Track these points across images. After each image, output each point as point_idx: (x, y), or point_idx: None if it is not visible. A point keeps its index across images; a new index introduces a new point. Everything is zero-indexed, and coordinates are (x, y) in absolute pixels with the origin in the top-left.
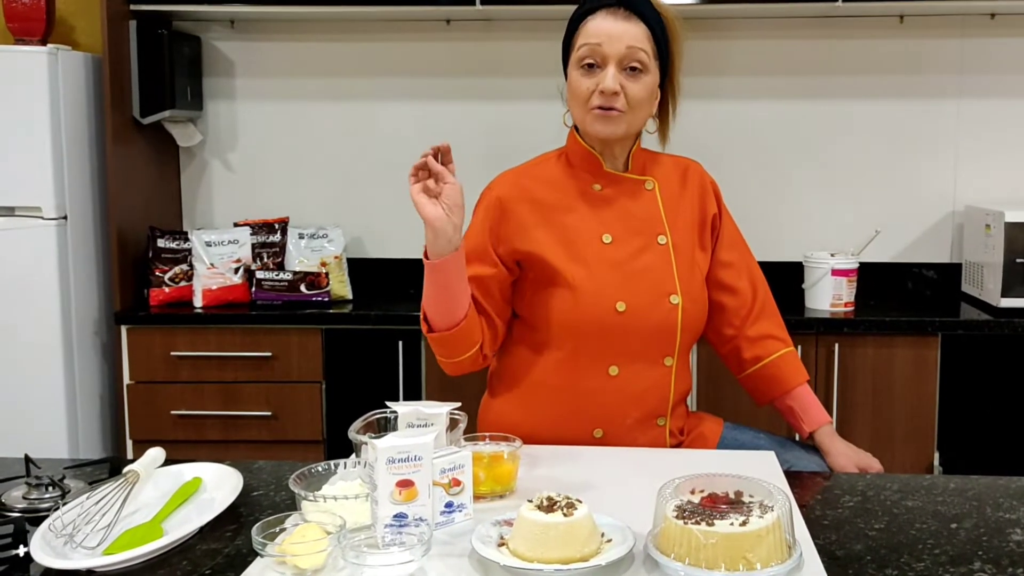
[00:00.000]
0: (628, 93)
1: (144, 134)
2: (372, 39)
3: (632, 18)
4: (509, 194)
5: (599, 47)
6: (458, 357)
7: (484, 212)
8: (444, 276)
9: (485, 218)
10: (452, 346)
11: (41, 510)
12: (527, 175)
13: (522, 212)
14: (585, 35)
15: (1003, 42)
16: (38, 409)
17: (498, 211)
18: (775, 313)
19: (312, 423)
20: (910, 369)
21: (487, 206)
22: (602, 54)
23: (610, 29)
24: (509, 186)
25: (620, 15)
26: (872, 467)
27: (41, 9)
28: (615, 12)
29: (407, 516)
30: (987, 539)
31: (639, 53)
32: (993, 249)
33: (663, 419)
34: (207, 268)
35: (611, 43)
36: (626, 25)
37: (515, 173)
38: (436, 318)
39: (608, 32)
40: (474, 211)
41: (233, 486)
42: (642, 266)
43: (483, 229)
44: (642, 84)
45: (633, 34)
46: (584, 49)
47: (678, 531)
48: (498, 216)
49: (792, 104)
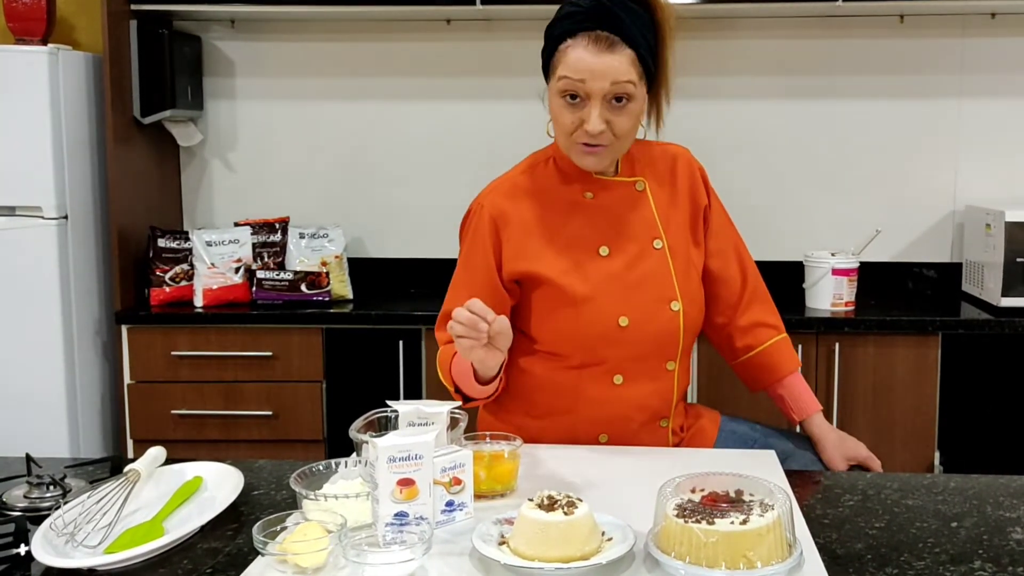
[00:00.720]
0: (614, 127)
1: (145, 134)
2: (372, 39)
3: (616, 45)
4: (501, 213)
5: (582, 84)
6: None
7: (479, 236)
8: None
9: (482, 243)
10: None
11: (42, 509)
12: (516, 188)
13: (517, 231)
14: (566, 67)
15: (1003, 42)
16: (39, 408)
17: (494, 233)
18: (767, 299)
19: (313, 423)
20: (911, 368)
21: (481, 229)
22: (585, 90)
23: (592, 65)
24: (501, 203)
25: (603, 44)
26: (861, 455)
27: (42, 9)
28: (597, 39)
29: (408, 515)
30: (987, 538)
31: (625, 86)
32: (993, 248)
33: (666, 420)
34: (208, 268)
35: (594, 80)
36: (609, 58)
37: (503, 186)
38: (473, 392)
39: (590, 68)
40: (464, 230)
41: (234, 485)
42: (641, 276)
43: (484, 256)
44: (628, 114)
45: (617, 68)
46: (564, 82)
47: (679, 530)
48: (495, 239)
49: (793, 104)
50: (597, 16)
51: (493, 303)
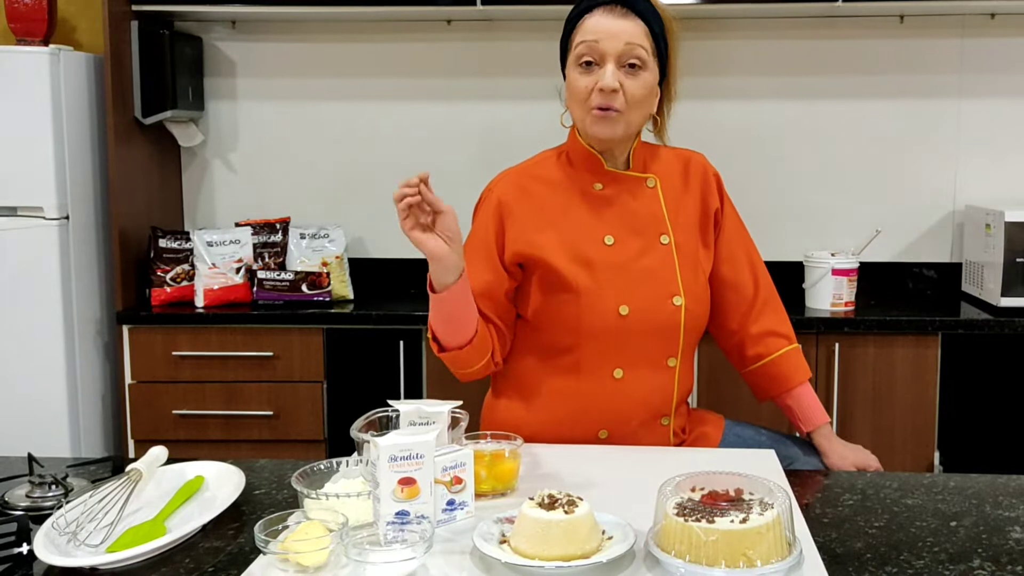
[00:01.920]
0: (627, 91)
1: (146, 134)
2: (373, 39)
3: (630, 15)
4: (510, 196)
5: (597, 44)
6: (470, 368)
7: (486, 216)
8: (452, 303)
9: (488, 223)
10: (464, 361)
11: (44, 508)
12: (527, 175)
13: (524, 214)
14: (583, 33)
15: (1003, 42)
16: (40, 408)
17: (500, 214)
18: (779, 308)
19: (314, 423)
20: (910, 368)
21: (488, 210)
22: (600, 51)
23: (608, 26)
24: (510, 187)
25: (618, 12)
26: (870, 465)
27: (43, 10)
28: (613, 9)
29: (409, 514)
30: (986, 537)
31: (638, 49)
32: (993, 249)
33: (667, 419)
34: (208, 268)
35: (609, 40)
36: (624, 22)
37: (515, 173)
38: (446, 338)
39: (606, 29)
40: (475, 214)
41: (235, 484)
42: (644, 268)
43: (487, 236)
44: (641, 81)
45: (631, 31)
46: (582, 47)
47: (679, 528)
48: (500, 220)
49: (793, 104)
50: None
51: (492, 282)
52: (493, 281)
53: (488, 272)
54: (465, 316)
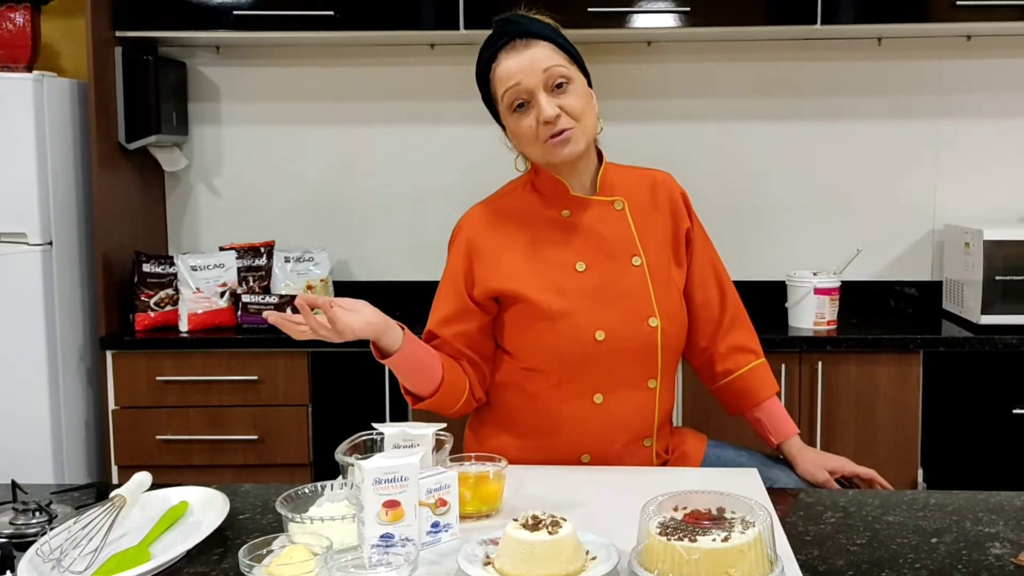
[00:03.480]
0: (567, 108)
1: (130, 159)
2: (357, 64)
3: (532, 42)
4: (478, 233)
5: (519, 86)
6: (453, 408)
7: (456, 256)
8: (405, 361)
9: (458, 262)
10: (444, 404)
11: (28, 535)
12: (495, 209)
13: (493, 249)
14: (501, 82)
15: (979, 63)
16: (23, 434)
17: (468, 254)
18: (746, 323)
19: (299, 446)
20: (893, 386)
21: (458, 250)
22: (526, 90)
23: (519, 64)
24: (478, 224)
25: (520, 46)
26: (847, 469)
27: (27, 36)
28: (514, 46)
29: (394, 536)
30: (966, 553)
31: (557, 69)
32: (973, 267)
33: (649, 440)
34: (193, 292)
35: (528, 75)
36: (531, 51)
37: (483, 209)
38: (419, 389)
39: (519, 68)
40: (448, 251)
41: (219, 510)
42: (618, 291)
43: (456, 275)
44: (575, 95)
45: (542, 56)
46: (508, 95)
47: (661, 547)
48: (469, 259)
49: (773, 125)
50: (503, 30)
51: (464, 320)
52: (465, 319)
53: (459, 311)
54: (424, 366)
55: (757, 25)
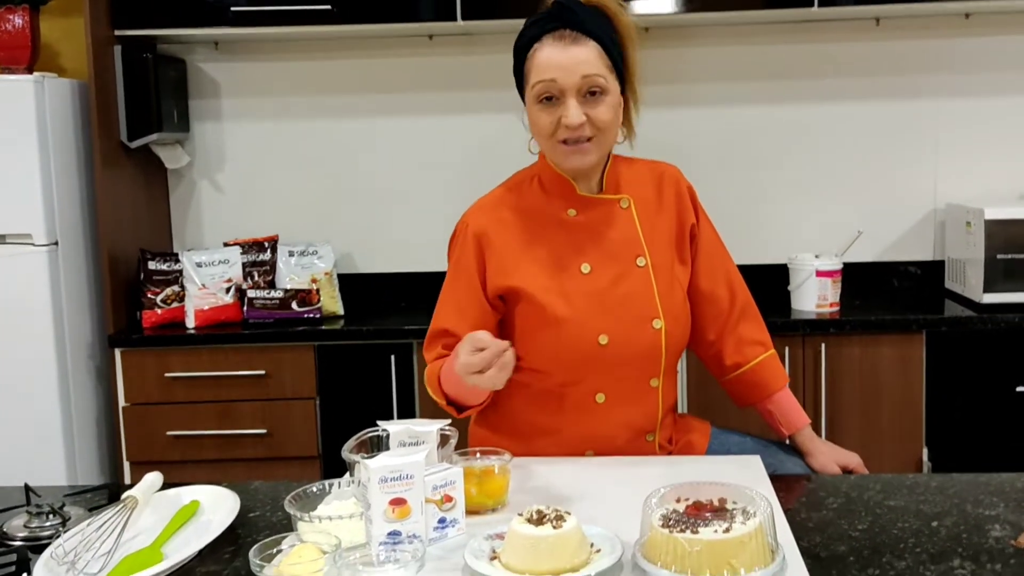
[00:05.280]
0: (593, 119)
1: (132, 158)
2: (355, 56)
3: (580, 39)
4: (486, 228)
5: (554, 83)
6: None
7: (465, 251)
8: None
9: (468, 257)
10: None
11: (42, 538)
12: (501, 205)
13: (501, 246)
14: (537, 71)
15: (978, 41)
16: (35, 434)
17: (479, 246)
18: (756, 316)
19: (307, 439)
20: (896, 367)
21: (467, 244)
22: (558, 88)
23: (560, 60)
24: (485, 219)
25: (567, 39)
26: (851, 463)
27: (26, 37)
28: (562, 36)
29: (401, 533)
30: (967, 536)
31: (595, 78)
32: (974, 246)
33: (652, 435)
34: (198, 289)
35: (565, 76)
36: (576, 50)
37: (488, 204)
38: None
39: (559, 64)
40: (451, 250)
41: (230, 508)
42: (622, 294)
43: (469, 270)
44: (605, 106)
45: (585, 59)
46: (539, 87)
47: (664, 539)
48: (480, 252)
49: (772, 108)
50: (557, 16)
51: (480, 319)
52: (481, 313)
53: (474, 312)
54: None
55: (755, 9)
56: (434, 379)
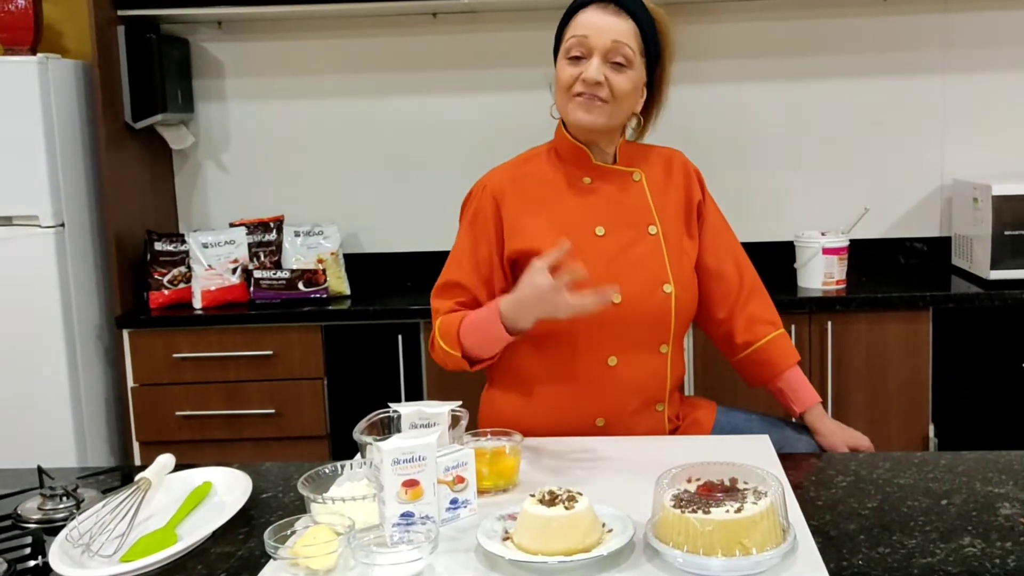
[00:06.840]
0: (612, 84)
1: (137, 138)
2: (359, 35)
3: (622, 14)
4: (501, 190)
5: (586, 39)
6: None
7: (480, 212)
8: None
9: (486, 214)
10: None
11: (57, 520)
12: (517, 171)
13: (515, 208)
14: (574, 27)
15: (985, 16)
16: (45, 415)
17: (496, 204)
18: (764, 295)
19: (315, 419)
20: (903, 344)
21: (484, 202)
22: (588, 46)
23: (598, 22)
24: (501, 181)
25: (611, 10)
26: (862, 445)
27: (29, 18)
28: (606, 7)
29: (414, 514)
30: (976, 514)
31: (624, 48)
32: (981, 222)
33: (661, 405)
34: (205, 269)
35: (597, 35)
36: (614, 20)
37: (506, 169)
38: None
39: (595, 25)
40: (466, 209)
41: (243, 489)
42: (635, 257)
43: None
44: (626, 77)
45: (620, 29)
46: (572, 41)
47: (676, 519)
48: (497, 209)
49: (778, 85)
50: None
51: (490, 275)
52: (491, 271)
53: (487, 262)
54: None
55: None
56: (453, 330)
